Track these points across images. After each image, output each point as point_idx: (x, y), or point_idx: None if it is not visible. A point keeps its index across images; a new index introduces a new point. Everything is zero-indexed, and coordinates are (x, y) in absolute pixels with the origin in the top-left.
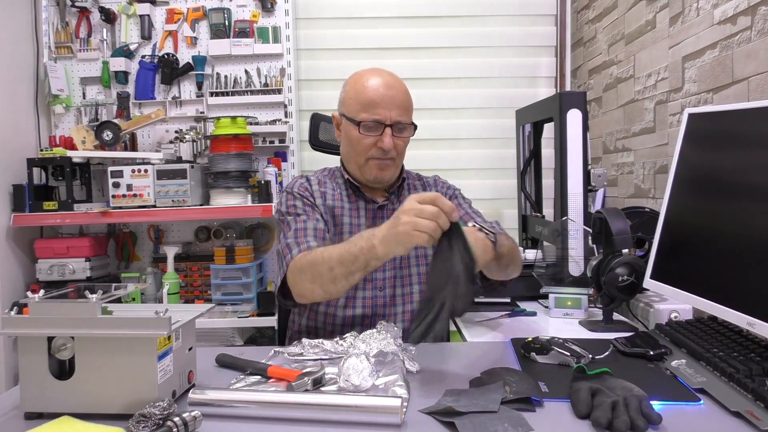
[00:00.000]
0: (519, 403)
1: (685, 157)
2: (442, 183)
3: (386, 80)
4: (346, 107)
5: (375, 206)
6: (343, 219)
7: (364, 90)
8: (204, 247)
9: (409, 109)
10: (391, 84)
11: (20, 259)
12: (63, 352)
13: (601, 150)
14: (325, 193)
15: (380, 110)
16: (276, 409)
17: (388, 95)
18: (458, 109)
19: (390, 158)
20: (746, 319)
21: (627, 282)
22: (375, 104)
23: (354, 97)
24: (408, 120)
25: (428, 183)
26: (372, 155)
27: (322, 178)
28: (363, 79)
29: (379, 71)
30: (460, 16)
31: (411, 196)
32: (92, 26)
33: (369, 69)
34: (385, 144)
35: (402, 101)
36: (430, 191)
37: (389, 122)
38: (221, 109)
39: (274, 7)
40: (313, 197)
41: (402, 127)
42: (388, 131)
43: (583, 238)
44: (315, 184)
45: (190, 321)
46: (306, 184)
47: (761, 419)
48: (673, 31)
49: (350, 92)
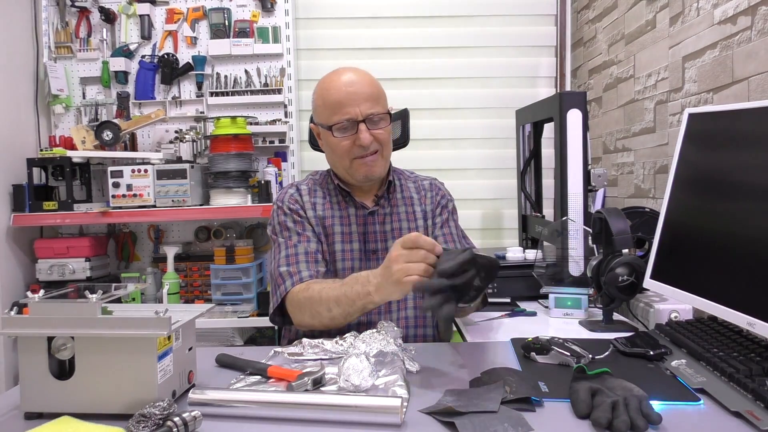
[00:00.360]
0: (519, 403)
1: (685, 157)
2: (437, 189)
3: (347, 78)
4: (318, 116)
5: (365, 212)
6: (334, 228)
7: (328, 94)
8: (204, 247)
9: (378, 99)
10: (352, 80)
11: (20, 259)
12: (63, 352)
13: (601, 150)
14: (316, 204)
15: (348, 108)
16: (276, 409)
17: (351, 92)
18: (458, 109)
19: (373, 152)
20: (746, 319)
21: (627, 282)
22: (342, 104)
23: (321, 104)
24: (381, 110)
25: (423, 187)
26: (354, 155)
27: (311, 186)
28: (325, 84)
29: (339, 71)
30: (460, 16)
31: (396, 242)
32: (92, 26)
33: (331, 72)
34: (362, 140)
35: (368, 93)
36: (423, 195)
37: (360, 118)
38: (221, 109)
39: (274, 7)
40: (304, 209)
41: (376, 118)
42: (362, 127)
43: (583, 238)
44: (305, 194)
45: (190, 321)
46: (296, 196)
47: (761, 419)
48: (673, 31)
49: (317, 100)
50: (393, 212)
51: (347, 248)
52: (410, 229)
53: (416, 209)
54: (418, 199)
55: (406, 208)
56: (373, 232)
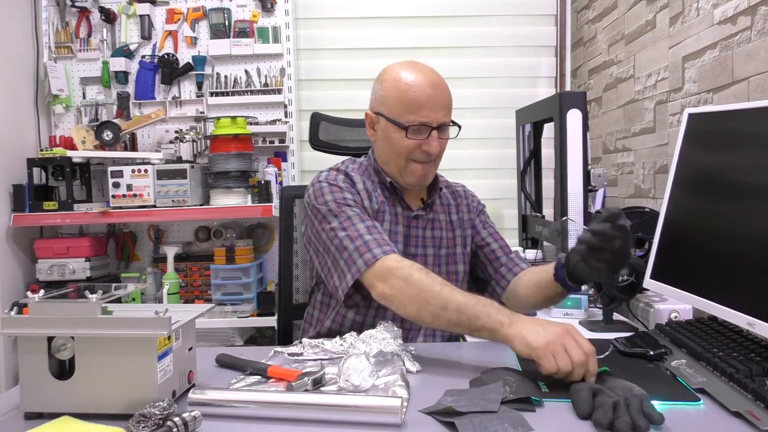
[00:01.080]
0: (519, 403)
1: (685, 157)
2: (471, 196)
3: (431, 79)
4: (386, 107)
5: (410, 214)
6: (384, 225)
7: (408, 90)
8: (204, 247)
9: (451, 109)
10: (436, 83)
11: (20, 259)
12: (63, 352)
13: (601, 150)
14: (371, 193)
15: (426, 112)
16: (276, 409)
17: (434, 96)
18: (458, 109)
19: (432, 160)
20: (746, 319)
21: (627, 282)
22: (421, 106)
23: (396, 96)
24: (450, 120)
25: (458, 194)
26: (414, 157)
27: (357, 175)
28: (405, 78)
29: (420, 68)
30: (460, 16)
31: (579, 334)
32: (92, 26)
33: (407, 64)
34: (432, 148)
35: (447, 101)
36: (460, 203)
37: (436, 124)
38: (221, 109)
39: (274, 7)
40: (361, 196)
41: (446, 128)
42: (434, 134)
43: None
44: (358, 181)
45: (190, 321)
46: (348, 181)
47: (761, 419)
48: (673, 31)
49: (390, 91)
50: (435, 218)
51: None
52: (448, 238)
53: (453, 218)
54: (456, 207)
55: (446, 216)
56: (416, 236)
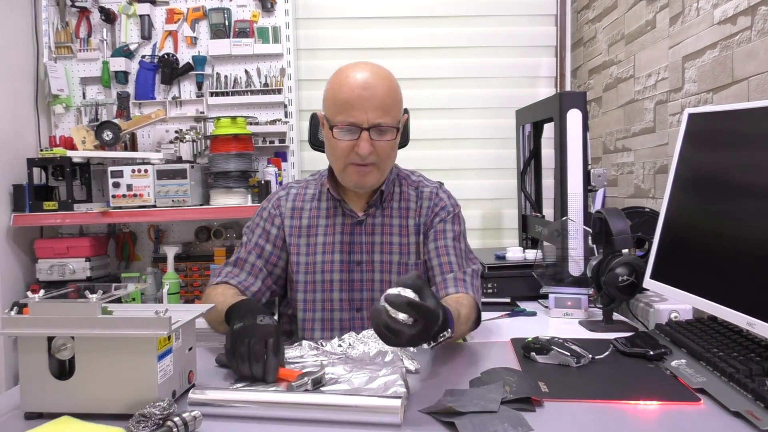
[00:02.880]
0: (519, 403)
1: (685, 157)
2: (437, 198)
3: (365, 78)
4: (325, 106)
5: (353, 221)
6: (317, 239)
7: (341, 89)
8: (204, 247)
9: (391, 110)
10: (369, 83)
11: (20, 259)
12: (63, 352)
13: (601, 150)
14: (302, 211)
15: (355, 113)
16: (276, 409)
17: (365, 96)
18: (458, 109)
19: (370, 163)
20: (746, 319)
21: (627, 282)
22: (350, 106)
23: (331, 96)
24: (390, 122)
25: (421, 196)
26: (351, 160)
27: (304, 190)
28: (341, 77)
29: (361, 66)
30: (460, 16)
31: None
32: (92, 26)
33: (353, 64)
34: (361, 149)
35: (381, 102)
36: (420, 206)
37: (366, 125)
38: (221, 109)
39: (274, 7)
40: (282, 218)
41: (383, 129)
42: (364, 135)
43: (583, 238)
44: (291, 200)
45: (190, 321)
46: (282, 201)
47: (761, 419)
48: (673, 31)
49: (328, 92)
50: (385, 223)
51: (328, 259)
52: (401, 244)
53: (410, 222)
54: (415, 210)
55: (400, 221)
56: (360, 242)
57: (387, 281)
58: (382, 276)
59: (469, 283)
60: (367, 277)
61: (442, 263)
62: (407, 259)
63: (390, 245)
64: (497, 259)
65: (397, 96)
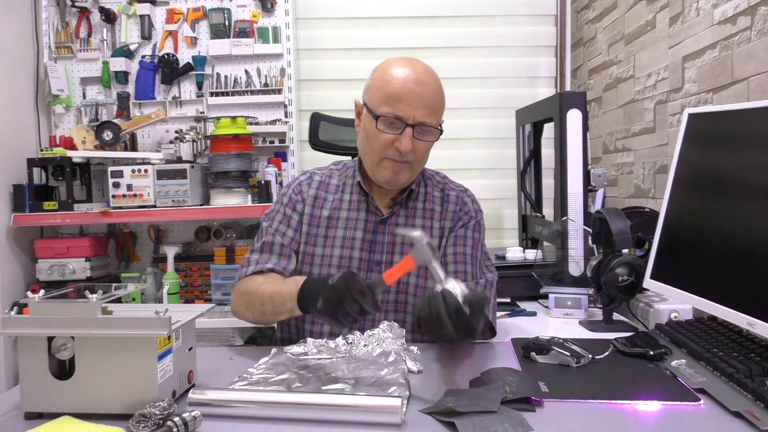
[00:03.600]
0: (519, 403)
1: (685, 157)
2: (462, 203)
3: (417, 74)
4: (369, 96)
5: (377, 219)
6: (337, 232)
7: (391, 81)
8: (204, 247)
9: (437, 110)
10: (421, 79)
11: (20, 259)
12: (63, 352)
13: (601, 150)
14: (324, 201)
15: (403, 106)
16: (276, 409)
17: (416, 91)
18: (458, 109)
19: (406, 161)
20: (746, 319)
21: (627, 282)
22: (399, 99)
23: (379, 86)
24: (434, 122)
25: (447, 199)
26: (388, 155)
27: (328, 178)
28: (392, 69)
29: (413, 62)
30: (460, 16)
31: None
32: (92, 26)
33: (403, 58)
34: (402, 145)
35: (431, 101)
36: (445, 209)
37: (412, 122)
38: (221, 109)
39: (274, 7)
40: (304, 203)
41: (426, 129)
42: (408, 131)
43: (583, 238)
44: (314, 187)
45: (190, 321)
46: (304, 186)
47: (761, 419)
48: (673, 31)
49: (376, 81)
50: (408, 224)
51: (346, 254)
52: None
53: (434, 224)
54: (440, 213)
55: (424, 222)
56: (381, 242)
57: (404, 283)
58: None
59: (491, 305)
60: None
61: (458, 271)
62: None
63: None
64: (497, 259)
65: (444, 99)
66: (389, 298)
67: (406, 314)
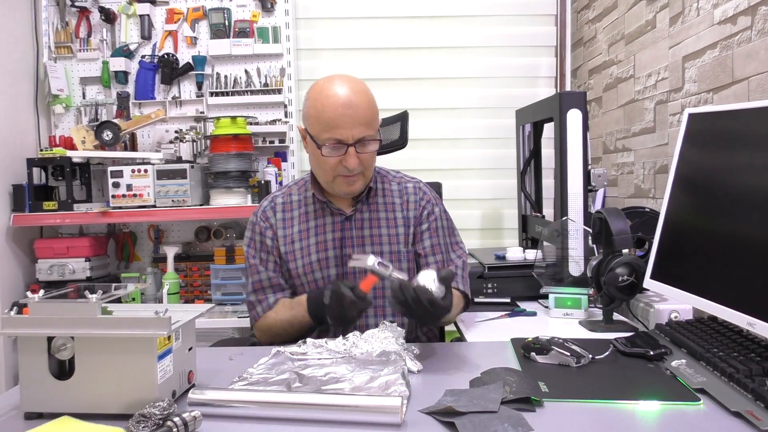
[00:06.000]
0: (519, 403)
1: (685, 157)
2: (421, 193)
3: (346, 96)
4: (308, 124)
5: (342, 218)
6: (310, 240)
7: (324, 109)
8: (204, 247)
9: (372, 122)
10: (350, 101)
11: (20, 259)
12: (63, 352)
13: (601, 150)
14: (291, 219)
15: (341, 131)
16: (276, 409)
17: (348, 114)
18: (458, 109)
19: (357, 173)
20: (746, 319)
21: (627, 282)
22: (335, 125)
23: (314, 115)
24: (372, 133)
25: (406, 191)
26: (338, 172)
27: (289, 198)
28: (322, 95)
29: (339, 82)
30: (460, 16)
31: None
32: (92, 26)
33: (329, 80)
34: (349, 164)
35: (363, 117)
36: (406, 200)
37: (352, 141)
38: (221, 109)
39: (274, 7)
40: (274, 229)
41: (366, 142)
42: (351, 151)
43: (583, 238)
44: (279, 210)
45: (190, 321)
46: (269, 212)
47: (761, 419)
48: (673, 31)
49: (310, 110)
50: (372, 217)
51: (323, 257)
52: (390, 235)
53: (397, 215)
54: (400, 205)
55: (387, 214)
56: (350, 237)
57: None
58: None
59: (460, 276)
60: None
61: (438, 261)
62: (397, 248)
63: (379, 237)
64: (497, 259)
65: (376, 107)
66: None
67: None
